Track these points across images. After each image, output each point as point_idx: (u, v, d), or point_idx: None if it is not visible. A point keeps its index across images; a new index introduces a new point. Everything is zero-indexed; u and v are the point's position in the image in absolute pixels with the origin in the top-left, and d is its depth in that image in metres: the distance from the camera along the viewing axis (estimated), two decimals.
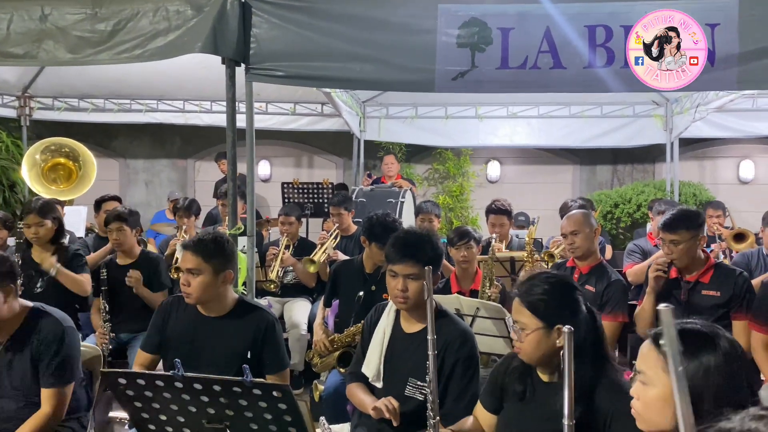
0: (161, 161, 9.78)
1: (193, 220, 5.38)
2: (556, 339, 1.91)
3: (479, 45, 3.43)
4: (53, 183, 5.98)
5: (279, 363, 2.66)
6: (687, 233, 3.22)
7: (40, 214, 3.85)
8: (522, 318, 1.96)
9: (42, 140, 6.01)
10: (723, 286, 3.22)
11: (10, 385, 2.57)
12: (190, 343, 2.63)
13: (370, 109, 7.65)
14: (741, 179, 8.85)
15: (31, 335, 2.55)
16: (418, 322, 2.47)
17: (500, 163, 9.30)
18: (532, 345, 1.94)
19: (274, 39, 3.61)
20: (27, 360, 2.54)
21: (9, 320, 2.55)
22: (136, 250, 4.23)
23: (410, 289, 2.40)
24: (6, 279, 2.52)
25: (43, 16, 3.53)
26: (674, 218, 3.28)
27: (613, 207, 7.90)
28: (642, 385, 1.52)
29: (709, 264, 3.30)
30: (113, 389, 1.99)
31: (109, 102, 7.30)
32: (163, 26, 3.44)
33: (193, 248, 2.58)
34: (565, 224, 3.60)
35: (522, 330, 1.96)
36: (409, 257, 2.41)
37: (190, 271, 2.56)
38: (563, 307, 1.94)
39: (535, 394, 2.01)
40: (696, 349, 1.44)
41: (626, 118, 7.32)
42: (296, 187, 6.72)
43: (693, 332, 1.49)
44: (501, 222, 4.94)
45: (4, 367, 2.56)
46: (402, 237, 2.52)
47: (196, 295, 2.57)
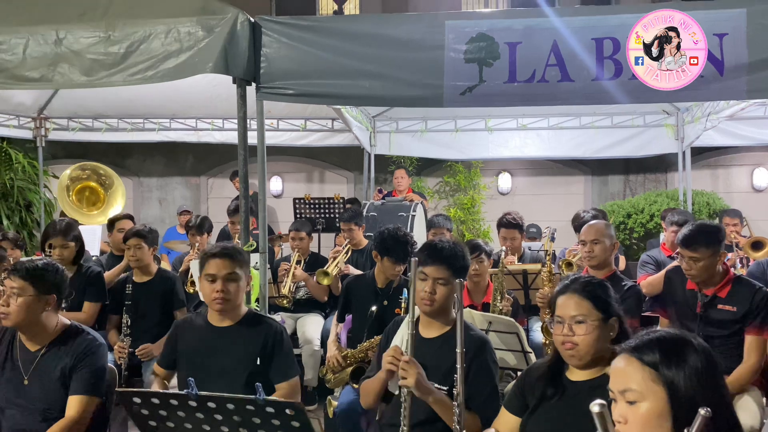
0: (175, 179, 9.88)
1: (206, 237, 5.42)
2: (609, 332, 2.04)
3: (487, 60, 3.47)
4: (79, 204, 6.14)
5: (287, 371, 2.69)
6: (707, 251, 3.15)
7: (65, 235, 3.94)
8: (581, 311, 2.05)
9: (79, 162, 6.21)
10: (740, 301, 3.16)
11: (33, 394, 2.61)
12: (202, 354, 2.67)
13: (380, 124, 7.69)
14: (755, 187, 8.78)
15: (66, 348, 2.63)
16: (437, 327, 2.52)
17: (511, 174, 9.29)
18: (592, 336, 2.02)
19: (283, 58, 3.67)
20: (57, 371, 2.60)
21: (46, 330, 2.64)
22: (153, 268, 4.28)
23: (438, 292, 2.46)
24: (53, 289, 2.64)
25: (57, 40, 3.61)
26: (693, 234, 3.20)
27: (625, 217, 7.85)
28: (629, 405, 1.42)
29: (728, 278, 3.23)
30: (128, 408, 2.01)
31: (122, 121, 7.40)
32: (175, 47, 3.50)
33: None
34: (587, 232, 3.59)
35: (580, 323, 2.03)
36: (441, 261, 2.47)
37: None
38: (612, 302, 2.09)
39: (564, 394, 2.07)
40: (681, 352, 1.42)
41: (637, 128, 7.29)
42: (308, 202, 6.76)
43: (669, 339, 1.47)
44: (512, 236, 4.93)
45: (35, 374, 2.62)
46: (436, 243, 2.58)
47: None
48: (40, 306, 2.61)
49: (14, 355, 2.66)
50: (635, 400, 1.41)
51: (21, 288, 2.58)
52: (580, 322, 2.03)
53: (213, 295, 2.65)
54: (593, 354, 2.02)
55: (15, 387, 2.63)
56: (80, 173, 6.26)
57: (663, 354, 1.42)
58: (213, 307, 2.69)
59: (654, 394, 1.40)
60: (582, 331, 2.02)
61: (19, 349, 2.66)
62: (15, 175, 7.87)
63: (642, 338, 1.49)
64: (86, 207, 6.19)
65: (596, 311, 2.04)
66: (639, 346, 1.47)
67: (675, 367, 1.40)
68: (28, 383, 2.61)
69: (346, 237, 5.22)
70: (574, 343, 2.02)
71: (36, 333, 2.64)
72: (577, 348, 2.02)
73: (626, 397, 1.42)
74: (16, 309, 2.57)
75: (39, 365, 2.62)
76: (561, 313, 2.08)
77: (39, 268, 2.64)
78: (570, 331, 2.03)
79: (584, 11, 3.71)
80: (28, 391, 2.60)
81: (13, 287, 2.58)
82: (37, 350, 2.64)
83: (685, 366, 1.40)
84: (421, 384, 2.25)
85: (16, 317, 2.58)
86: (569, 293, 2.09)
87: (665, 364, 1.41)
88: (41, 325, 2.63)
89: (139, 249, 4.16)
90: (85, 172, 6.25)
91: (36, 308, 2.60)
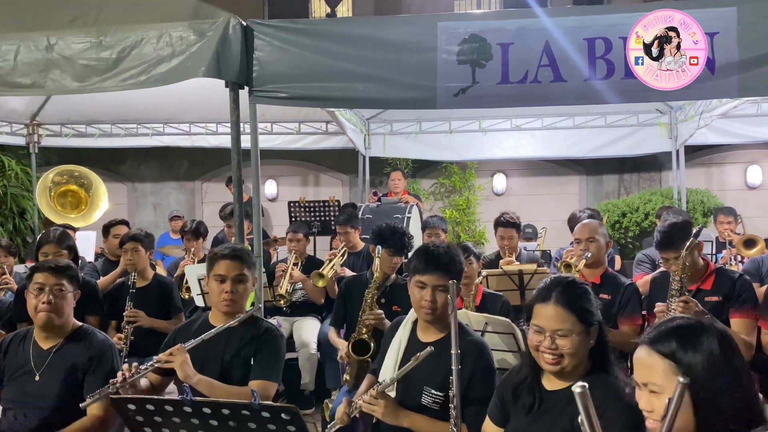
0: (169, 184, 9.86)
1: (201, 242, 5.41)
2: (590, 339, 1.97)
3: (479, 61, 3.47)
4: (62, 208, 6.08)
5: (267, 372, 2.62)
6: (677, 251, 3.21)
7: (59, 243, 3.93)
8: (566, 325, 1.95)
9: (57, 167, 6.13)
10: (723, 289, 3.25)
11: (43, 391, 2.65)
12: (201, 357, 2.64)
13: (374, 126, 7.69)
14: (749, 185, 8.81)
15: (79, 346, 2.74)
16: (435, 332, 2.50)
17: (506, 175, 9.31)
18: (577, 348, 1.95)
19: (276, 61, 3.66)
20: (69, 369, 2.68)
21: (66, 326, 2.77)
22: (149, 273, 4.27)
23: (439, 300, 2.44)
24: (77, 283, 2.83)
25: (49, 46, 3.59)
26: (663, 237, 3.29)
27: (620, 216, 7.88)
28: (653, 395, 1.49)
29: (709, 270, 3.32)
30: (123, 415, 2.00)
31: (115, 127, 7.37)
32: (167, 52, 3.49)
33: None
34: (581, 230, 3.61)
35: (565, 337, 1.94)
36: (440, 269, 2.44)
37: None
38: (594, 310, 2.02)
39: (542, 405, 2.02)
40: (697, 339, 1.47)
41: (630, 127, 7.31)
42: (303, 205, 6.75)
43: (686, 326, 1.51)
44: (510, 235, 4.93)
45: (46, 371, 2.69)
46: (431, 249, 2.54)
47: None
48: (72, 301, 2.79)
49: (27, 353, 2.74)
50: (660, 392, 1.48)
51: (60, 284, 2.72)
52: (564, 336, 1.94)
53: (222, 296, 2.66)
54: (576, 364, 1.96)
55: (24, 384, 2.68)
56: (60, 178, 6.21)
57: (679, 343, 1.48)
58: (220, 308, 2.68)
59: (674, 386, 1.42)
60: (567, 345, 1.93)
61: (32, 347, 2.75)
62: (8, 182, 7.85)
63: (660, 329, 1.54)
64: (70, 210, 6.13)
65: (581, 324, 1.94)
66: (657, 337, 1.52)
67: (691, 353, 1.46)
68: (39, 380, 2.68)
69: (342, 240, 5.22)
70: (559, 356, 1.95)
71: (58, 330, 2.75)
72: (561, 360, 1.95)
73: (650, 389, 1.50)
74: (61, 304, 2.71)
75: (51, 362, 2.70)
76: (542, 323, 1.97)
77: (68, 266, 2.82)
78: (553, 344, 1.94)
79: (576, 11, 3.73)
80: (38, 388, 2.66)
81: (55, 284, 2.71)
82: (50, 347, 2.73)
83: (701, 351, 1.45)
84: (390, 415, 2.32)
85: (59, 313, 2.71)
86: (553, 304, 1.96)
87: (682, 353, 1.47)
88: (68, 320, 2.77)
89: (136, 253, 4.16)
90: (63, 176, 6.21)
91: (71, 303, 2.78)
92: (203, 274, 3.42)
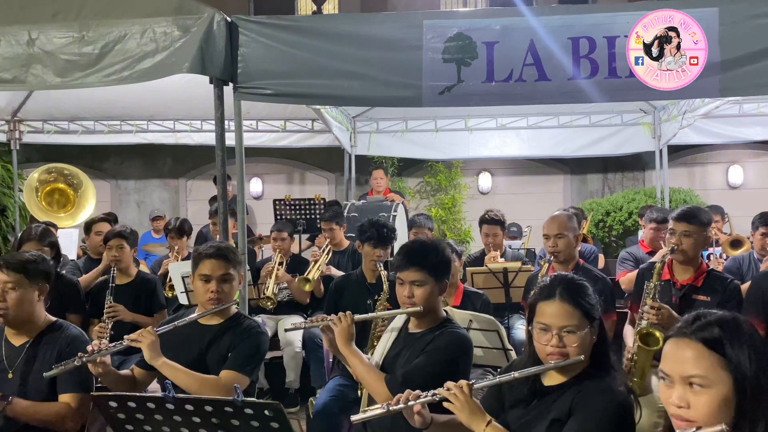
0: (153, 181, 9.78)
1: (185, 240, 5.37)
2: (592, 336, 1.97)
3: (465, 59, 3.48)
4: (49, 207, 6.02)
5: (240, 364, 2.58)
6: (700, 227, 3.25)
7: (41, 241, 3.88)
8: (573, 321, 1.95)
9: (47, 164, 6.06)
10: (714, 291, 3.24)
11: (15, 389, 2.58)
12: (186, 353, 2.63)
13: (360, 124, 7.68)
14: (730, 184, 8.93)
15: (56, 340, 2.64)
16: (424, 325, 2.54)
17: (491, 174, 9.35)
18: (583, 345, 1.94)
19: (261, 58, 3.64)
20: (47, 364, 2.59)
21: (36, 323, 2.67)
22: (133, 270, 4.24)
23: (416, 294, 2.48)
24: (42, 278, 2.67)
25: (30, 41, 3.54)
26: (690, 210, 3.34)
27: (604, 215, 7.94)
28: (692, 390, 1.41)
29: (702, 269, 3.33)
30: (104, 412, 1.98)
31: (99, 124, 7.29)
32: (151, 48, 3.46)
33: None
34: (549, 225, 3.48)
35: (571, 333, 1.94)
36: (413, 264, 2.49)
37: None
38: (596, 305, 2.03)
39: (538, 399, 2.03)
40: (740, 332, 1.42)
41: (614, 126, 7.37)
42: (288, 203, 6.72)
43: (728, 319, 1.45)
44: (494, 232, 4.96)
45: (21, 365, 2.61)
46: (408, 246, 2.61)
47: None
48: (35, 296, 2.64)
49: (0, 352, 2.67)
50: (702, 386, 1.40)
51: (16, 281, 2.59)
52: (571, 332, 1.94)
53: (207, 296, 2.65)
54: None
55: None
56: (47, 176, 6.15)
57: (727, 337, 1.41)
58: (206, 307, 2.68)
59: (722, 381, 1.39)
60: (574, 342, 1.93)
61: (4, 345, 2.67)
62: None
63: (698, 322, 1.45)
64: (57, 209, 6.07)
65: (586, 320, 1.95)
66: (701, 328, 1.44)
67: (738, 347, 1.40)
68: (12, 377, 2.61)
69: (327, 237, 5.20)
70: (566, 354, 1.94)
71: (26, 326, 2.66)
72: (567, 358, 1.94)
73: (692, 382, 1.41)
74: (14, 302, 2.59)
75: (24, 359, 2.62)
76: (547, 321, 1.96)
77: (29, 260, 2.67)
78: (560, 342, 1.93)
79: (561, 10, 3.74)
80: (11, 386, 2.59)
81: (7, 281, 2.59)
82: (22, 344, 2.65)
83: (745, 345, 1.40)
84: (341, 341, 2.53)
85: (15, 311, 2.59)
86: (558, 301, 1.96)
87: (730, 347, 1.40)
88: (35, 316, 2.66)
89: (121, 249, 4.12)
90: (51, 174, 6.14)
91: (32, 299, 2.63)
92: (187, 271, 3.41)
